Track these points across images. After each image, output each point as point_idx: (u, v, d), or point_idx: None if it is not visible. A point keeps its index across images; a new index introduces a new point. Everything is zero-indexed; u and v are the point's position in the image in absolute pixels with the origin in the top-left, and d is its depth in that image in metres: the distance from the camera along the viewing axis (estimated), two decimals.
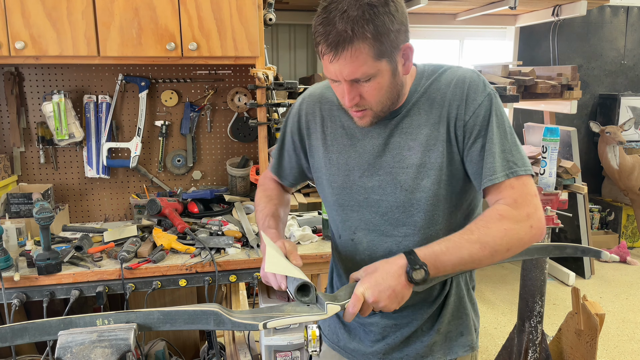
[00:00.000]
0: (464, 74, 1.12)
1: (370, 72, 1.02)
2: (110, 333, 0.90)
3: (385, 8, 0.99)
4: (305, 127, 1.28)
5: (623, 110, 4.91)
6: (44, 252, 1.76)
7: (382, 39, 0.99)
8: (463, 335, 1.25)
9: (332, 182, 1.23)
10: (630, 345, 3.22)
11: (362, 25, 0.97)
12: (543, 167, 2.39)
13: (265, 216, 1.31)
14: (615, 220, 4.95)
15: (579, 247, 1.88)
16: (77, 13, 1.93)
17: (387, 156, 1.15)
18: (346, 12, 0.97)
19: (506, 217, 1.03)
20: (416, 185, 1.12)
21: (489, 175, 1.06)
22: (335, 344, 1.34)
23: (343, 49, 0.98)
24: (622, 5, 4.93)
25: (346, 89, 1.05)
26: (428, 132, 1.12)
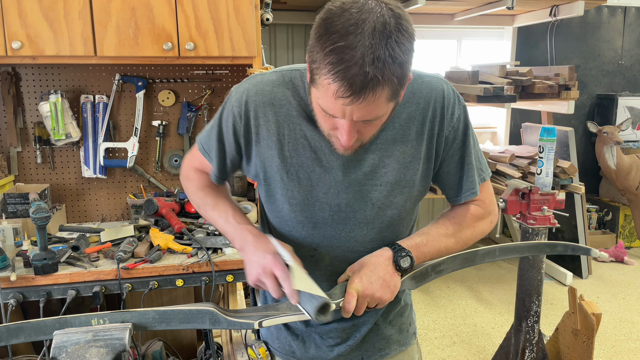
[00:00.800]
0: (436, 85, 1.09)
1: (381, 114, 0.92)
2: (105, 333, 0.90)
3: (408, 42, 0.87)
4: (254, 131, 1.10)
5: (620, 111, 4.92)
6: (40, 252, 1.76)
7: (403, 80, 0.89)
8: (411, 325, 1.32)
9: (291, 197, 1.11)
10: (627, 344, 3.23)
11: (391, 69, 0.84)
12: (540, 167, 2.39)
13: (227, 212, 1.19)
14: (612, 220, 4.96)
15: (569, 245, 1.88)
16: (74, 13, 1.93)
17: (357, 173, 1.08)
18: (374, 51, 0.83)
19: (476, 215, 1.18)
20: (388, 202, 1.10)
21: (471, 189, 1.15)
22: (290, 356, 1.27)
23: (366, 94, 0.85)
24: (620, 5, 4.94)
25: (348, 129, 0.93)
26: (404, 148, 1.08)
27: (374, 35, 0.83)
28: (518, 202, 2.35)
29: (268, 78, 1.10)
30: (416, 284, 1.12)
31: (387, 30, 0.84)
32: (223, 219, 1.19)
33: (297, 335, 1.25)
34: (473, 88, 3.61)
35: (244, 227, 1.15)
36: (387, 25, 0.84)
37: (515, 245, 1.80)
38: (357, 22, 0.83)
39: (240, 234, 1.14)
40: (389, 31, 0.84)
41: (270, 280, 1.04)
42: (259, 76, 1.12)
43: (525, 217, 2.35)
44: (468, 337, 3.32)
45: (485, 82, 3.77)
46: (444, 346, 3.21)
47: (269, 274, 1.04)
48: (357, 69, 0.82)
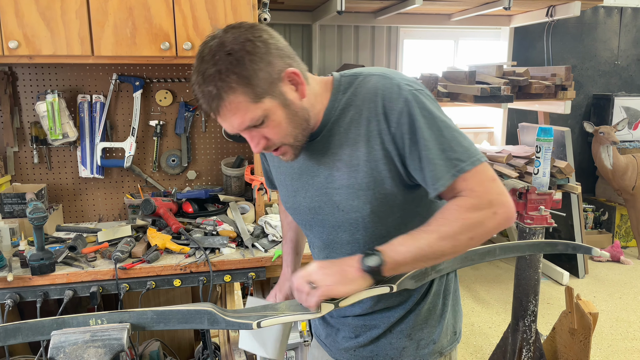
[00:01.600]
0: (375, 84, 1.06)
1: (257, 116, 0.99)
2: (103, 333, 0.90)
3: (243, 51, 0.96)
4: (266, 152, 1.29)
5: (617, 111, 4.94)
6: (37, 252, 1.75)
7: (251, 81, 0.96)
8: (435, 343, 1.24)
9: (286, 202, 1.26)
10: (624, 343, 3.24)
11: (224, 79, 0.95)
12: (537, 166, 2.40)
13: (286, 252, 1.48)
14: (609, 220, 4.97)
15: (569, 243, 1.89)
16: (71, 12, 1.92)
17: (320, 177, 1.13)
18: (206, 72, 0.96)
19: (463, 206, 1.00)
20: (349, 206, 1.11)
21: (433, 184, 1.01)
22: (317, 337, 1.41)
23: (218, 107, 0.98)
24: (616, 6, 4.96)
25: (248, 138, 1.05)
26: (350, 151, 1.08)
27: (207, 59, 0.97)
28: (515, 201, 2.36)
29: None
30: (415, 283, 1.12)
31: (220, 51, 0.96)
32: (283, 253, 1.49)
33: (324, 321, 1.35)
34: (470, 88, 3.61)
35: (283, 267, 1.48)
36: (224, 46, 0.96)
37: (516, 244, 1.80)
38: (202, 53, 0.99)
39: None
40: (223, 51, 0.96)
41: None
42: None
43: (523, 217, 2.36)
44: (465, 336, 3.33)
45: (482, 82, 3.78)
46: None
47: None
48: (201, 89, 0.98)
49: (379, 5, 3.94)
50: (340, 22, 4.33)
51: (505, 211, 1.01)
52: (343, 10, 3.39)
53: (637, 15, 5.03)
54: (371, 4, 3.91)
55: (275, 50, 1.00)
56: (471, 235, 1.00)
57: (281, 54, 1.01)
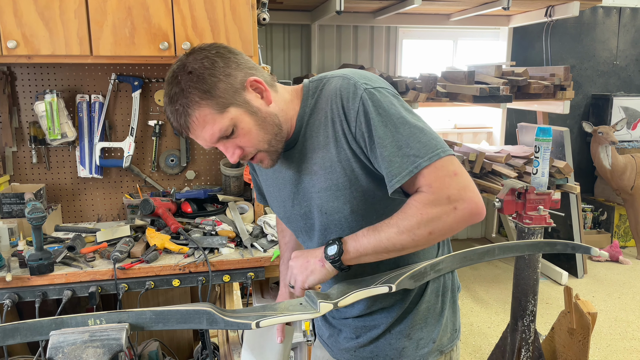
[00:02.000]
0: (335, 85, 1.09)
1: (225, 126, 1.04)
2: (102, 333, 0.89)
3: (201, 69, 1.02)
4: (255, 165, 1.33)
5: (615, 111, 4.94)
6: (36, 253, 1.75)
7: (212, 93, 1.02)
8: (434, 342, 1.25)
9: (278, 213, 1.30)
10: (622, 343, 3.24)
11: (187, 96, 1.01)
12: (536, 166, 2.40)
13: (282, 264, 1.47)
14: (607, 220, 4.98)
15: (569, 243, 1.89)
16: (70, 12, 1.92)
17: (303, 183, 1.16)
18: (171, 92, 1.03)
19: (421, 201, 1.01)
20: (330, 208, 1.13)
21: (389, 181, 1.02)
22: (320, 337, 1.43)
23: (187, 123, 1.03)
24: (615, 6, 4.96)
25: (223, 148, 1.09)
26: (322, 154, 1.11)
27: (172, 81, 1.04)
28: (514, 201, 2.36)
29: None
30: (414, 282, 1.12)
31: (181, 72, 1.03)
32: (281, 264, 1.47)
33: (326, 321, 1.37)
34: (469, 88, 3.61)
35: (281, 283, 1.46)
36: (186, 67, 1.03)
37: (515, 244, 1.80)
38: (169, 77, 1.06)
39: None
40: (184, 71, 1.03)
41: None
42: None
43: (521, 217, 2.36)
44: (464, 336, 3.33)
45: (481, 82, 3.78)
46: None
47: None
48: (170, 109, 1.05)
49: (378, 5, 3.94)
50: (339, 22, 4.33)
51: (467, 206, 1.00)
52: (342, 10, 3.39)
53: (635, 15, 5.04)
54: (370, 4, 3.91)
55: (234, 64, 1.05)
56: (430, 230, 1.01)
57: (241, 66, 1.06)
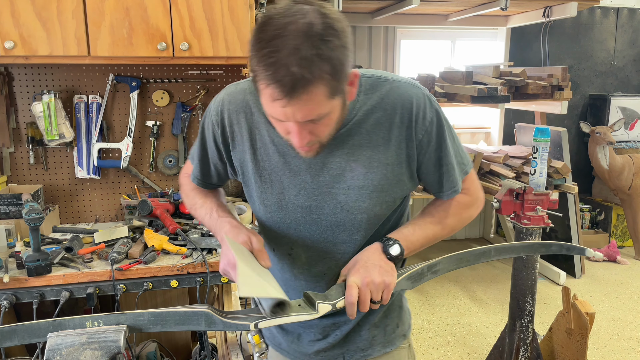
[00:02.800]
0: (408, 92, 1.09)
1: (325, 112, 0.94)
2: (100, 335, 0.89)
3: (336, 39, 0.89)
4: (230, 137, 1.17)
5: (613, 111, 4.95)
6: (33, 254, 1.75)
7: (339, 76, 0.91)
8: (399, 326, 1.30)
9: (265, 200, 1.16)
10: (620, 343, 3.25)
11: (320, 66, 0.87)
12: (534, 167, 2.40)
13: (212, 208, 1.23)
14: (605, 220, 4.99)
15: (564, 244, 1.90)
16: (67, 13, 1.92)
17: (325, 176, 1.11)
18: (299, 51, 0.85)
19: (463, 203, 1.21)
20: (357, 207, 1.11)
21: (452, 187, 1.17)
22: (277, 346, 1.35)
23: (300, 94, 0.88)
24: (612, 6, 4.97)
25: (297, 130, 0.96)
26: (371, 154, 1.09)
27: (298, 36, 0.86)
28: (512, 202, 2.36)
29: (241, 87, 1.17)
30: (412, 284, 1.12)
31: (312, 31, 0.87)
32: (208, 214, 1.23)
33: (283, 327, 1.30)
34: (467, 88, 3.62)
35: (223, 219, 1.19)
36: (313, 26, 0.87)
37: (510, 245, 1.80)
38: (282, 26, 0.87)
39: (220, 225, 1.18)
40: (314, 32, 0.87)
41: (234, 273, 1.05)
42: (234, 85, 1.19)
43: (519, 217, 2.36)
44: (462, 336, 3.33)
45: (479, 82, 3.79)
46: (438, 346, 3.21)
47: (233, 267, 1.04)
48: (284, 70, 0.86)
49: (376, 5, 3.95)
50: None
51: (482, 205, 1.26)
52: (340, 10, 3.39)
53: (633, 15, 5.05)
54: (368, 5, 3.92)
55: (351, 45, 0.95)
56: (461, 226, 1.24)
57: (351, 50, 0.95)
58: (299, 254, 1.20)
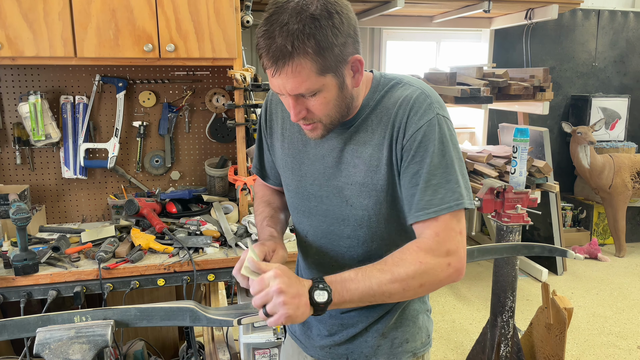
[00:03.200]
0: (412, 93, 1.07)
1: (314, 88, 0.99)
2: (87, 329, 0.92)
3: (329, 21, 0.94)
4: (269, 126, 1.28)
5: (594, 111, 5.05)
6: (20, 253, 1.76)
7: (325, 54, 0.95)
8: (408, 342, 1.25)
9: (288, 185, 1.25)
10: (600, 338, 3.33)
11: (303, 41, 0.93)
12: (514, 166, 2.46)
13: (263, 219, 1.30)
14: (587, 218, 5.09)
15: (546, 246, 1.96)
16: (54, 14, 1.93)
17: (336, 169, 1.15)
18: (286, 26, 0.93)
19: (424, 249, 1.00)
20: (359, 203, 1.13)
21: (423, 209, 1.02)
22: (292, 333, 1.40)
23: (284, 64, 0.95)
24: (594, 8, 5.07)
25: (291, 103, 1.02)
26: (371, 151, 1.10)
27: (291, 13, 0.93)
28: (493, 200, 2.42)
29: None
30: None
31: (305, 10, 0.93)
32: (260, 223, 1.30)
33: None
34: (451, 89, 3.68)
35: (267, 229, 1.25)
36: (308, 6, 0.93)
37: (493, 247, 1.86)
38: (282, 3, 0.95)
39: (263, 233, 1.25)
40: (307, 11, 0.93)
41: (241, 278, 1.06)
42: None
43: (500, 215, 2.42)
44: (446, 332, 3.39)
45: (463, 83, 3.85)
46: None
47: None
48: (271, 41, 0.94)
49: (362, 7, 3.99)
50: None
51: (458, 267, 1.02)
52: None
53: (614, 17, 5.15)
54: (354, 6, 3.96)
55: (352, 32, 0.99)
56: (422, 282, 1.00)
57: (355, 37, 1.01)
58: (311, 242, 1.25)
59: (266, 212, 1.33)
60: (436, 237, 1.01)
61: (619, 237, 4.80)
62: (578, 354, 3.14)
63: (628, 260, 4.73)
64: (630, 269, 4.51)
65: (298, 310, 0.94)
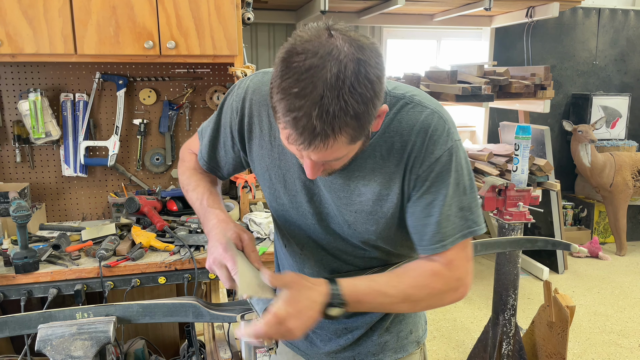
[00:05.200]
0: (428, 119, 0.98)
1: (342, 155, 0.89)
2: (90, 326, 0.91)
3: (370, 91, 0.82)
4: (247, 128, 1.11)
5: (595, 110, 5.04)
6: (21, 251, 1.75)
7: (363, 126, 0.84)
8: (412, 332, 1.26)
9: (277, 197, 1.13)
10: (601, 336, 3.32)
11: (345, 122, 0.81)
12: (516, 164, 2.46)
13: (203, 194, 1.16)
14: (587, 217, 5.08)
15: (549, 240, 1.96)
16: (54, 11, 1.92)
17: (332, 194, 1.06)
18: (324, 105, 0.79)
19: (437, 275, 1.02)
20: (365, 229, 1.07)
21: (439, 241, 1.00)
22: (288, 342, 1.33)
23: (317, 145, 0.83)
24: (594, 7, 5.07)
25: (310, 165, 0.92)
26: (382, 180, 1.02)
27: (326, 85, 0.79)
28: (494, 198, 2.41)
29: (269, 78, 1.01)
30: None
31: (340, 80, 0.79)
32: (199, 201, 1.17)
33: None
34: (452, 87, 3.67)
35: (212, 210, 1.12)
36: (341, 73, 0.79)
37: (496, 241, 1.85)
38: (310, 68, 0.80)
39: (208, 217, 1.12)
40: (346, 82, 0.79)
41: (221, 271, 1.01)
42: (261, 74, 1.11)
43: (502, 213, 2.42)
44: (448, 331, 3.38)
45: (463, 81, 3.84)
46: None
47: (221, 265, 1.01)
48: (305, 120, 0.80)
49: (362, 5, 3.98)
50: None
51: (465, 292, 1.05)
52: (326, 10, 3.42)
53: (614, 16, 5.15)
54: (354, 4, 3.95)
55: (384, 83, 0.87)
56: (429, 305, 1.05)
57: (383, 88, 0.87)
58: (309, 255, 1.18)
59: (202, 186, 1.19)
60: (449, 265, 1.02)
61: (619, 236, 4.80)
62: (580, 352, 3.14)
63: (629, 259, 4.72)
64: (631, 268, 4.51)
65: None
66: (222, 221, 1.09)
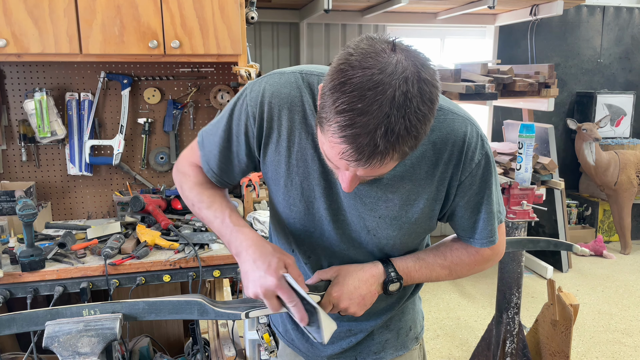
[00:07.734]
0: (461, 128, 1.00)
1: (388, 170, 0.88)
2: (96, 323, 0.92)
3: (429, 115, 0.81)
4: (266, 133, 1.05)
5: (599, 108, 5.03)
6: (27, 249, 1.77)
7: (418, 145, 0.84)
8: (411, 329, 1.29)
9: (292, 205, 1.09)
10: (605, 335, 3.32)
11: (406, 141, 0.80)
12: (519, 162, 2.46)
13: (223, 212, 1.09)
14: (592, 215, 5.07)
15: (551, 240, 1.96)
16: (59, 11, 1.94)
17: (357, 200, 1.04)
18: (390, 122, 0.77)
19: (482, 256, 1.14)
20: (386, 235, 1.07)
21: (488, 237, 1.10)
22: (290, 342, 1.30)
23: (373, 163, 0.82)
24: (599, 4, 5.05)
25: (350, 179, 0.89)
26: (411, 187, 1.02)
27: (392, 104, 0.77)
28: None
29: (286, 79, 1.03)
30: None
31: (407, 99, 0.77)
32: (219, 219, 1.09)
33: (297, 326, 1.25)
34: (455, 86, 3.67)
35: (240, 231, 1.06)
36: (409, 92, 0.77)
37: None
38: (377, 84, 0.77)
39: (237, 238, 1.05)
40: (410, 100, 0.77)
41: (272, 301, 0.98)
42: (277, 75, 1.05)
43: (505, 212, 2.42)
44: (451, 330, 3.39)
45: (467, 80, 3.84)
46: (427, 339, 3.26)
47: (272, 295, 0.98)
48: (367, 138, 0.78)
49: (366, 4, 3.98)
50: (328, 21, 4.36)
51: (498, 260, 1.19)
52: (330, 8, 3.43)
53: (619, 14, 5.13)
54: (358, 3, 3.95)
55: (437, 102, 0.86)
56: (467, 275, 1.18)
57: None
58: (318, 260, 1.16)
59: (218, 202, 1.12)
60: (494, 249, 1.14)
61: (624, 234, 4.78)
62: (584, 351, 3.14)
63: (633, 258, 4.71)
64: (635, 266, 4.50)
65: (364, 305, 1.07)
66: (257, 245, 1.03)
